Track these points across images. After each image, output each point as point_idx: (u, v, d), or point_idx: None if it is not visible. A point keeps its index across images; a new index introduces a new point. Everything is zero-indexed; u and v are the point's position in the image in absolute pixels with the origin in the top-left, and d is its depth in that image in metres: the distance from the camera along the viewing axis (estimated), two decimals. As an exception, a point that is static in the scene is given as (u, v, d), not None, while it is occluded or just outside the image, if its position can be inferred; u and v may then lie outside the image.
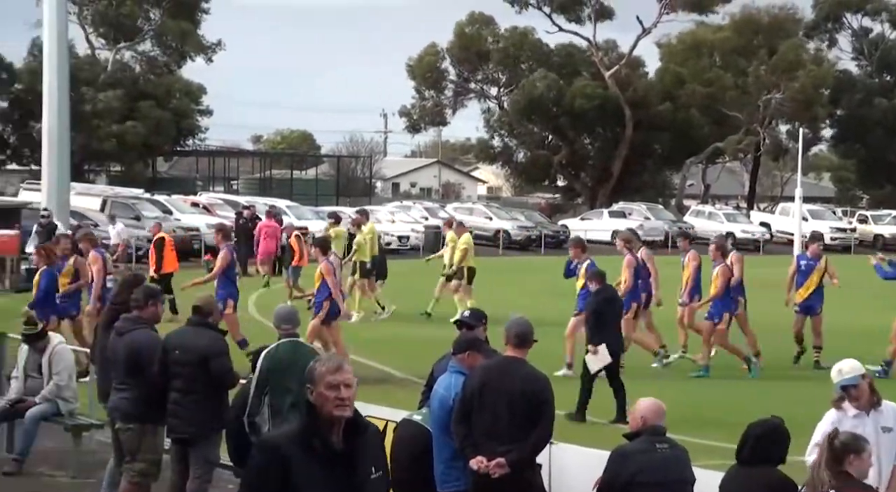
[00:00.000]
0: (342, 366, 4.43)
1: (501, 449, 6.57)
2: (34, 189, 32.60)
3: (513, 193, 75.40)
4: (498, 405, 6.63)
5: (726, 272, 15.22)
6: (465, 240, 20.36)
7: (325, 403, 4.33)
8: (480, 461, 6.57)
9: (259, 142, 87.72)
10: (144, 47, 54.04)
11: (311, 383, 4.37)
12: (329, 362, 4.43)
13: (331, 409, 4.32)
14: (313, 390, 4.35)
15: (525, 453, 6.63)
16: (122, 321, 8.35)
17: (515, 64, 58.35)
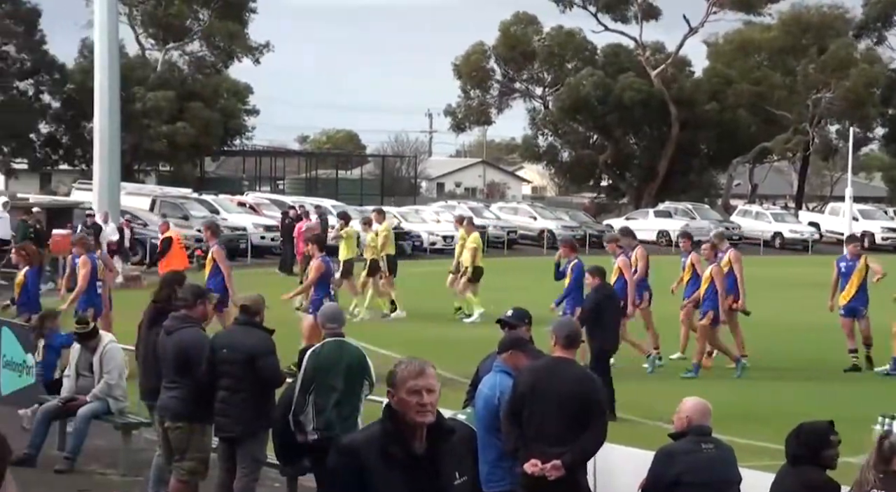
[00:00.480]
0: (425, 370, 4.30)
1: (553, 450, 6.53)
2: (86, 189, 33.05)
3: (557, 193, 75.18)
4: (548, 406, 6.59)
5: (720, 272, 15.19)
6: (473, 239, 20.42)
7: (406, 408, 4.21)
8: (535, 464, 6.52)
9: (305, 142, 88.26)
10: (193, 48, 54.54)
11: (391, 387, 4.26)
12: (411, 366, 4.29)
13: (413, 414, 4.21)
14: (394, 394, 4.24)
15: (578, 454, 6.59)
16: (171, 320, 8.40)
17: (561, 63, 58.22)
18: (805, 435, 5.91)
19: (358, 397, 8.12)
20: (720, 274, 15.19)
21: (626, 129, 58.10)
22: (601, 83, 55.06)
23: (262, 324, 8.35)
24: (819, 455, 5.86)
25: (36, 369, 11.57)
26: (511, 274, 30.16)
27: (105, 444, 10.51)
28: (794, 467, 5.89)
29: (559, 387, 6.62)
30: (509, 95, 60.38)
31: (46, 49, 47.18)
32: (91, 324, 10.70)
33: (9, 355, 12.39)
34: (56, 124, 48.92)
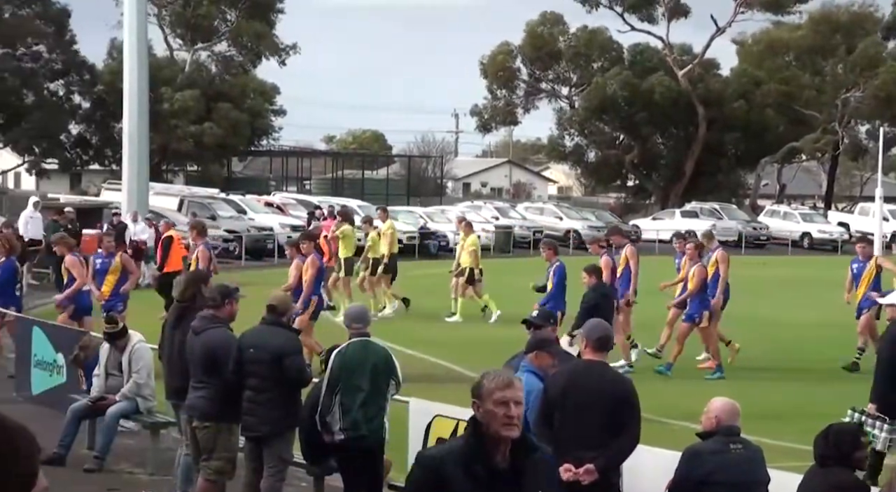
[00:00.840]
0: (513, 382, 4.17)
1: (588, 454, 6.49)
2: (115, 189, 33.30)
3: (583, 193, 75.02)
4: (581, 410, 6.55)
5: (702, 272, 15.16)
6: (472, 241, 20.48)
7: (492, 420, 4.06)
8: (569, 469, 6.48)
9: (331, 142, 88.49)
10: (220, 48, 54.77)
11: (477, 399, 4.12)
12: (498, 378, 4.14)
13: (498, 427, 4.06)
14: (479, 405, 4.09)
15: (612, 458, 6.55)
16: (199, 320, 8.42)
17: (587, 63, 58.09)
18: (834, 436, 5.89)
19: (384, 397, 8.13)
20: (701, 274, 15.15)
21: (652, 129, 57.91)
22: (628, 83, 54.91)
23: (289, 324, 8.38)
24: (848, 457, 5.83)
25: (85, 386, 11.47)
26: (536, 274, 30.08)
27: (134, 443, 10.57)
28: (823, 468, 5.86)
29: (592, 390, 6.57)
30: (535, 95, 60.30)
31: (76, 50, 47.54)
32: (120, 324, 10.73)
33: (40, 355, 12.49)
34: (86, 125, 49.23)
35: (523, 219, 45.46)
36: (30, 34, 45.31)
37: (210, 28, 53.03)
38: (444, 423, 8.81)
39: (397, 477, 8.86)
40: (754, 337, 17.74)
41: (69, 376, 11.86)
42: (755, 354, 16.57)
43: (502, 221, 43.52)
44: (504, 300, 20.61)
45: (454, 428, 8.62)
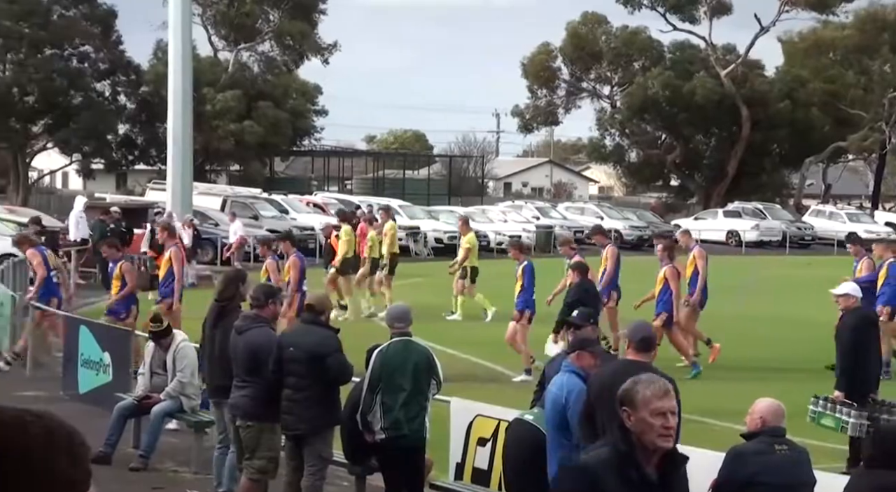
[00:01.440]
0: (670, 390, 4.01)
1: None
2: (160, 189, 33.59)
3: (624, 193, 74.69)
4: None
5: (673, 273, 15.11)
6: (468, 239, 20.49)
7: (648, 430, 3.89)
8: None
9: (372, 142, 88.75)
10: (263, 48, 55.09)
11: (628, 406, 3.96)
12: (655, 386, 3.99)
13: (654, 438, 3.89)
14: (631, 414, 3.92)
15: None
16: (242, 320, 8.46)
17: (628, 63, 57.81)
18: (881, 438, 5.82)
19: (425, 397, 8.15)
20: (674, 276, 15.10)
21: (695, 129, 57.50)
22: (670, 83, 54.57)
23: (328, 323, 8.41)
24: (894, 458, 5.76)
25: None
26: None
27: (178, 442, 10.63)
28: (870, 469, 5.80)
29: None
30: (576, 95, 60.11)
31: (122, 50, 48.02)
32: (165, 323, 10.81)
33: (86, 354, 12.60)
34: (131, 125, 49.72)
35: (564, 219, 45.33)
36: (77, 35, 45.82)
37: (253, 28, 53.36)
38: (485, 423, 8.82)
39: (438, 476, 8.88)
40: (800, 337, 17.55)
41: (115, 375, 11.97)
42: (802, 355, 16.37)
43: (543, 220, 43.43)
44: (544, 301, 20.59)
45: (495, 428, 8.63)
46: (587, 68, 58.89)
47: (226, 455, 8.99)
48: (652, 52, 57.39)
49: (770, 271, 27.01)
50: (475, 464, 8.79)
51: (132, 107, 49.33)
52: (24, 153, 46.06)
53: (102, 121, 45.90)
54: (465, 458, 8.88)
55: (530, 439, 7.33)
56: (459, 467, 8.93)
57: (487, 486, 8.59)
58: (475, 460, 8.80)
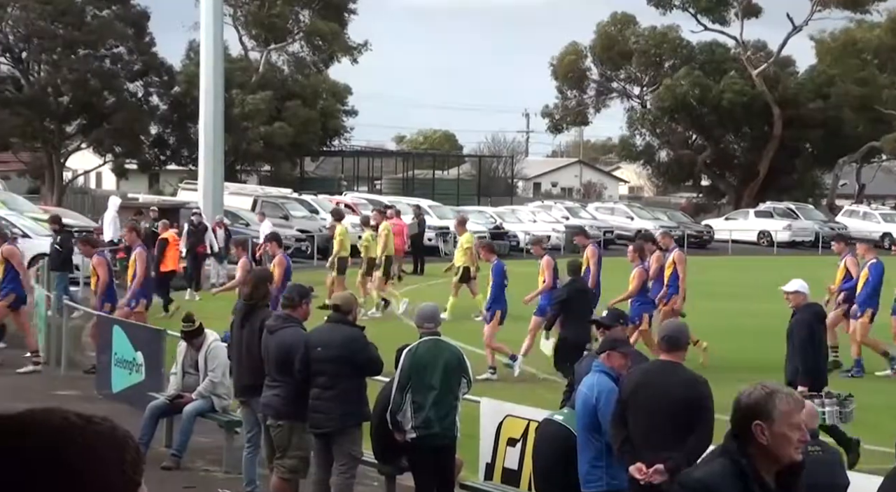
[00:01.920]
0: (804, 402, 3.99)
1: (659, 455, 6.47)
2: (192, 189, 33.82)
3: (655, 193, 74.39)
4: (653, 411, 6.52)
5: (642, 274, 15.12)
6: (466, 239, 20.52)
7: (785, 444, 3.78)
8: (640, 468, 6.47)
9: (402, 142, 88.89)
10: (293, 48, 55.29)
11: (763, 420, 3.78)
12: (792, 399, 3.86)
13: (790, 451, 3.81)
14: (767, 427, 3.77)
15: (683, 459, 6.42)
16: (274, 319, 8.54)
17: (658, 63, 57.58)
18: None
19: (455, 396, 8.17)
20: (641, 276, 15.11)
21: (725, 128, 57.17)
22: (700, 83, 54.29)
23: (354, 322, 8.44)
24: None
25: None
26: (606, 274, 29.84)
27: (209, 441, 10.66)
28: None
29: (664, 391, 6.54)
30: (606, 95, 59.93)
31: (155, 51, 48.32)
32: (196, 323, 10.88)
33: (120, 353, 12.70)
34: (164, 125, 50.05)
35: (594, 219, 45.23)
36: (111, 35, 46.12)
37: (283, 28, 53.56)
38: (515, 423, 8.84)
39: (468, 477, 8.90)
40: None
41: (148, 375, 12.06)
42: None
43: (572, 220, 43.34)
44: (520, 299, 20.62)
45: (525, 428, 8.64)
46: (617, 68, 58.68)
47: (254, 455, 9.03)
48: (682, 51, 57.12)
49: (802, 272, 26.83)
50: (505, 464, 8.81)
51: (164, 107, 49.62)
52: (58, 153, 46.46)
53: (135, 121, 46.22)
54: (495, 458, 8.90)
55: (560, 439, 7.34)
56: (489, 467, 8.94)
57: (517, 486, 8.60)
58: (505, 460, 8.81)
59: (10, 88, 45.62)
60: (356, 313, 8.57)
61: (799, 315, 10.99)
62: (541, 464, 7.75)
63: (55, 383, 13.83)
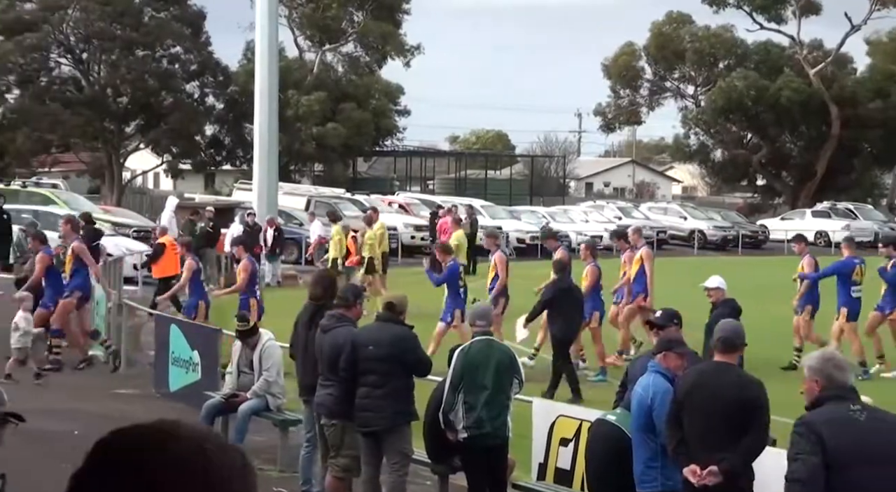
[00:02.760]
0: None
1: (714, 456, 6.45)
2: (246, 189, 34.14)
3: (708, 193, 73.70)
4: (708, 412, 6.51)
5: (594, 272, 15.15)
6: (456, 236, 20.62)
7: None
8: (694, 471, 6.46)
9: (455, 142, 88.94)
10: (347, 49, 55.58)
11: None
12: None
13: None
14: None
15: (738, 460, 6.47)
16: (328, 318, 8.59)
17: (713, 63, 57.08)
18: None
19: (507, 396, 8.20)
20: (594, 273, 15.15)
21: (782, 128, 56.51)
22: (755, 82, 53.73)
23: (404, 322, 8.49)
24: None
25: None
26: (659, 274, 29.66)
27: (264, 440, 10.72)
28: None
29: (720, 391, 6.52)
30: (660, 95, 59.53)
31: (211, 51, 48.84)
32: (251, 322, 10.98)
33: (177, 352, 12.85)
34: (219, 125, 50.56)
35: (646, 219, 44.95)
36: (168, 36, 46.68)
37: (338, 29, 53.85)
38: (567, 423, 8.85)
39: (521, 477, 8.92)
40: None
41: (204, 374, 12.19)
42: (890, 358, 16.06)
43: (625, 220, 43.12)
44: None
45: (577, 428, 8.65)
46: (671, 68, 58.27)
47: (313, 454, 9.11)
48: (736, 51, 56.57)
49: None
50: (558, 464, 8.82)
51: (220, 108, 50.13)
52: (118, 153, 47.14)
53: (191, 121, 46.74)
54: (548, 458, 8.92)
55: (613, 439, 7.35)
56: (542, 467, 8.96)
57: (570, 486, 8.61)
58: (558, 460, 8.83)
59: (71, 89, 46.37)
60: (406, 314, 8.64)
61: (719, 310, 11.62)
62: (594, 465, 7.77)
63: (114, 382, 14.04)
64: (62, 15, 44.96)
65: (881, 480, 5.07)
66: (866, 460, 5.09)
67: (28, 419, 3.65)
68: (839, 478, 5.06)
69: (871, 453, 5.12)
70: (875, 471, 5.07)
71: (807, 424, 5.21)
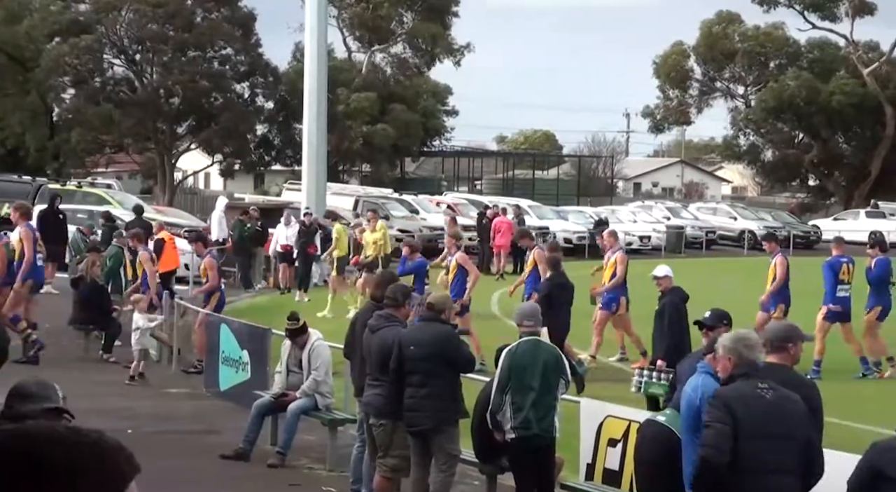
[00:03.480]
0: None
1: None
2: (295, 189, 34.35)
3: (759, 193, 72.97)
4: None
5: (624, 259, 15.48)
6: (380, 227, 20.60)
7: None
8: None
9: (503, 142, 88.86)
10: (396, 50, 55.71)
11: None
12: None
13: None
14: None
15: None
16: (376, 318, 8.65)
17: (763, 63, 56.47)
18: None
19: (554, 396, 8.19)
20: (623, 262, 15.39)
21: (834, 128, 55.78)
22: (807, 82, 53.06)
23: (447, 321, 8.52)
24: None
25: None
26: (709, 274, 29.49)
27: (314, 439, 10.78)
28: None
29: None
30: (709, 95, 59.02)
31: (261, 52, 49.23)
32: (301, 321, 11.05)
33: (227, 352, 12.94)
34: (269, 126, 50.97)
35: (695, 219, 44.60)
36: (219, 37, 47.10)
37: (387, 30, 54.01)
38: (615, 423, 8.82)
39: (568, 477, 8.91)
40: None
41: (253, 373, 12.27)
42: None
43: (673, 221, 42.81)
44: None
45: (626, 428, 8.62)
46: (720, 68, 57.74)
47: (364, 453, 9.15)
48: (787, 50, 55.90)
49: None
50: (606, 465, 8.80)
51: (269, 108, 50.51)
52: (170, 154, 47.65)
53: (241, 122, 47.16)
54: (596, 458, 8.89)
55: (663, 440, 7.31)
56: (590, 467, 8.94)
57: (618, 487, 8.59)
58: (606, 460, 8.81)
59: (124, 89, 46.94)
60: (449, 313, 8.66)
61: (668, 298, 12.41)
62: (644, 466, 7.74)
63: (166, 381, 14.18)
64: (115, 16, 45.55)
65: (779, 453, 5.60)
66: (768, 434, 5.63)
67: (82, 418, 3.71)
68: (743, 448, 5.62)
69: (773, 428, 5.64)
70: (775, 444, 5.62)
71: (719, 397, 5.84)
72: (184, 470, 9.67)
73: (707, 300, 14.80)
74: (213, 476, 9.91)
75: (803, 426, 5.77)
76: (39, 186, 31.00)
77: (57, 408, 3.99)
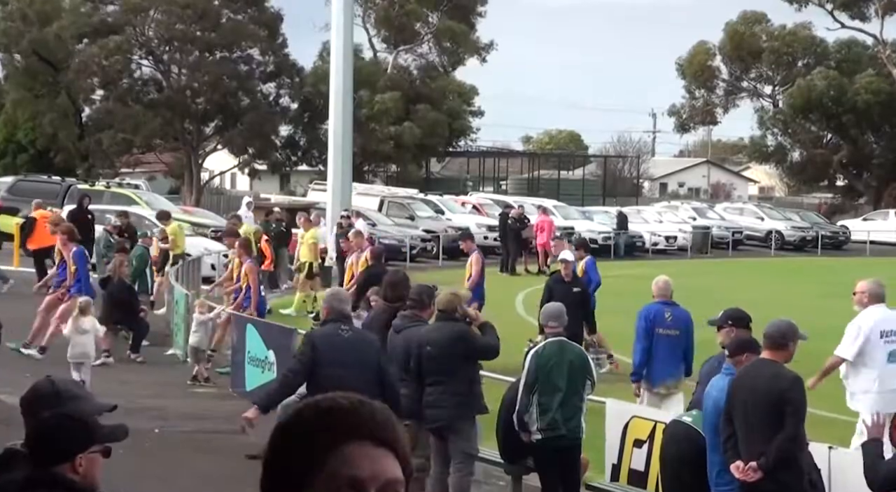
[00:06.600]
0: None
1: (755, 452, 6.54)
2: (321, 189, 34.43)
3: (786, 193, 72.50)
4: (748, 407, 6.63)
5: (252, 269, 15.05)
6: (311, 235, 20.67)
7: None
8: (738, 467, 6.57)
9: (528, 142, 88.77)
10: (422, 50, 55.76)
11: None
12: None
13: None
14: None
15: (773, 456, 6.51)
16: (400, 319, 8.69)
17: (790, 62, 56.10)
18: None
19: (580, 397, 8.19)
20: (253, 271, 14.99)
21: (862, 128, 55.32)
22: (835, 82, 52.68)
23: (461, 319, 8.53)
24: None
25: None
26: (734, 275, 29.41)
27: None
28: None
29: (755, 387, 6.62)
30: (736, 95, 58.69)
31: (287, 52, 49.37)
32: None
33: (253, 352, 13.02)
34: (294, 126, 51.12)
35: (721, 219, 44.37)
36: (245, 38, 47.29)
37: (413, 30, 54.05)
38: (641, 424, 8.81)
39: (594, 477, 8.91)
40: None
41: (279, 373, 12.38)
42: None
43: (700, 221, 42.62)
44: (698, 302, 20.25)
45: (651, 429, 8.60)
46: (747, 67, 57.41)
47: None
48: (815, 50, 55.52)
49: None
50: (631, 465, 8.79)
51: (295, 108, 50.64)
52: (196, 154, 47.90)
53: (267, 122, 47.33)
54: (622, 459, 8.88)
55: (689, 440, 7.32)
56: (615, 468, 8.94)
57: (644, 487, 8.58)
58: (631, 461, 8.79)
59: (152, 90, 47.25)
60: (460, 310, 8.65)
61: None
62: (671, 466, 7.73)
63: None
64: (143, 17, 45.85)
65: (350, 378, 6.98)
66: (341, 364, 7.48)
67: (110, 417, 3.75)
68: (321, 373, 7.54)
69: (346, 358, 7.55)
70: (347, 371, 7.31)
71: (308, 336, 8.23)
72: (210, 469, 9.73)
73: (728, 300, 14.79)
74: (240, 476, 9.96)
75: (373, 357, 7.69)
76: (69, 186, 31.31)
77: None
